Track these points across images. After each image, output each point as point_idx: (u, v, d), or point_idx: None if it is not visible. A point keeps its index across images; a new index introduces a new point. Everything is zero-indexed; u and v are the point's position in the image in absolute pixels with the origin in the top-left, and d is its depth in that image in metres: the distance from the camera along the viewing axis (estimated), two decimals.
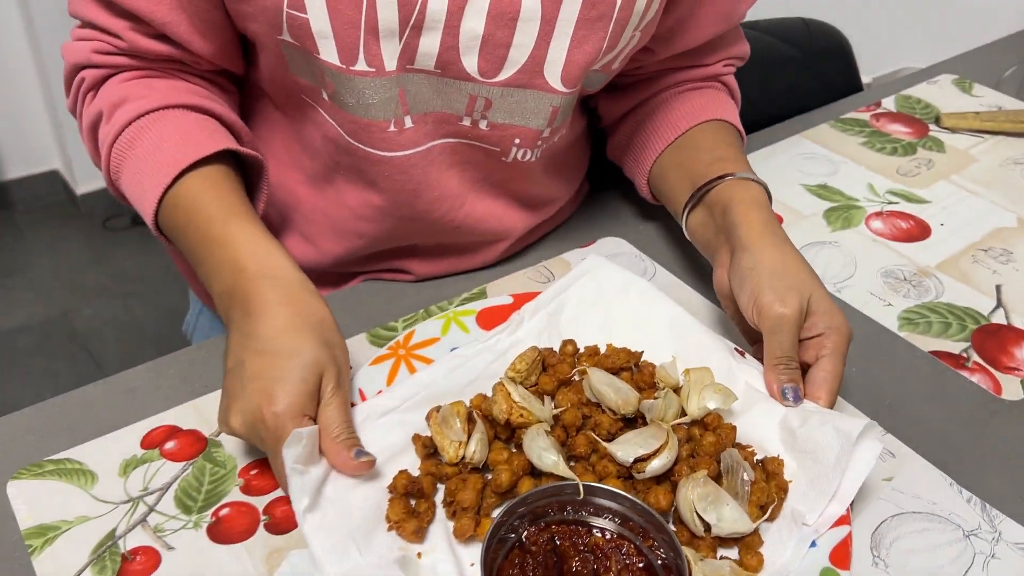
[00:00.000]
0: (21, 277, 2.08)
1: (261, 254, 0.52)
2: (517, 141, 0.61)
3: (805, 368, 0.55)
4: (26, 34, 2.06)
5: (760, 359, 0.55)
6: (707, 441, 0.50)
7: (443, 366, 0.56)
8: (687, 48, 0.68)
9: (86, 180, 2.24)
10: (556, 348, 0.58)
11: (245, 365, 0.48)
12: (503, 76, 0.57)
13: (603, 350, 0.57)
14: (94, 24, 0.58)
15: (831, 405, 0.53)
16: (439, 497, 0.48)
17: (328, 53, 0.54)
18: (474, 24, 0.54)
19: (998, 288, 0.69)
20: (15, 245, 2.17)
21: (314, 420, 0.47)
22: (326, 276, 0.69)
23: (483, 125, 0.60)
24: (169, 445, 0.52)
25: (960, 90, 0.98)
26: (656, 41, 0.66)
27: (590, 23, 0.56)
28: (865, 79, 1.03)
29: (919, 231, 0.75)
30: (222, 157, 0.57)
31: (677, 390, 0.54)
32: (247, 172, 0.61)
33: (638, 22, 0.59)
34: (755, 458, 0.52)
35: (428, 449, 0.49)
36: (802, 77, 0.96)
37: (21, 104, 2.16)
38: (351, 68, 0.54)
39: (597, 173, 0.78)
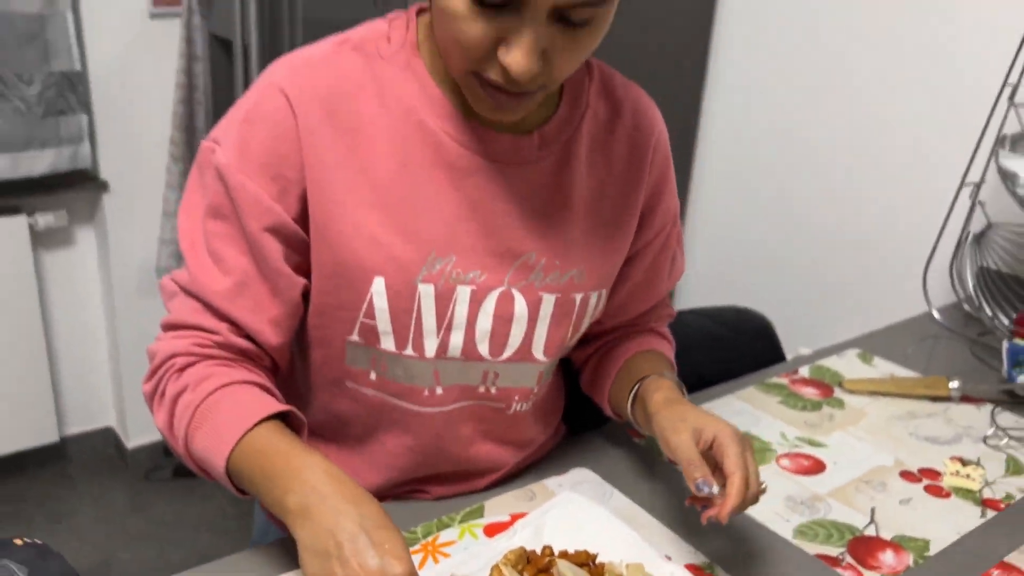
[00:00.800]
0: (67, 524, 2.27)
1: (335, 472, 0.69)
2: (517, 397, 0.88)
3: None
4: (104, 312, 2.42)
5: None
6: None
7: (457, 559, 0.78)
8: (627, 319, 0.97)
9: (137, 435, 2.50)
10: (539, 551, 0.80)
11: (352, 546, 0.62)
12: (505, 356, 0.84)
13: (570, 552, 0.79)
14: (196, 326, 0.77)
15: (744, 479, 0.73)
16: None
17: (387, 344, 0.80)
18: (485, 324, 0.82)
19: (872, 510, 0.91)
20: (67, 496, 2.39)
21: None
22: None
23: (493, 390, 0.86)
24: None
25: (862, 361, 1.25)
26: (604, 317, 0.96)
27: (560, 318, 0.85)
28: (789, 355, 1.31)
29: (816, 467, 0.99)
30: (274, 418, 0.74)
31: None
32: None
33: (592, 312, 0.87)
34: None
35: None
36: (735, 353, 1.24)
37: (89, 368, 2.47)
38: (403, 353, 0.81)
39: (579, 416, 1.03)
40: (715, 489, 0.74)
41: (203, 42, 2.15)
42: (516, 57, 0.66)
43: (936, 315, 1.39)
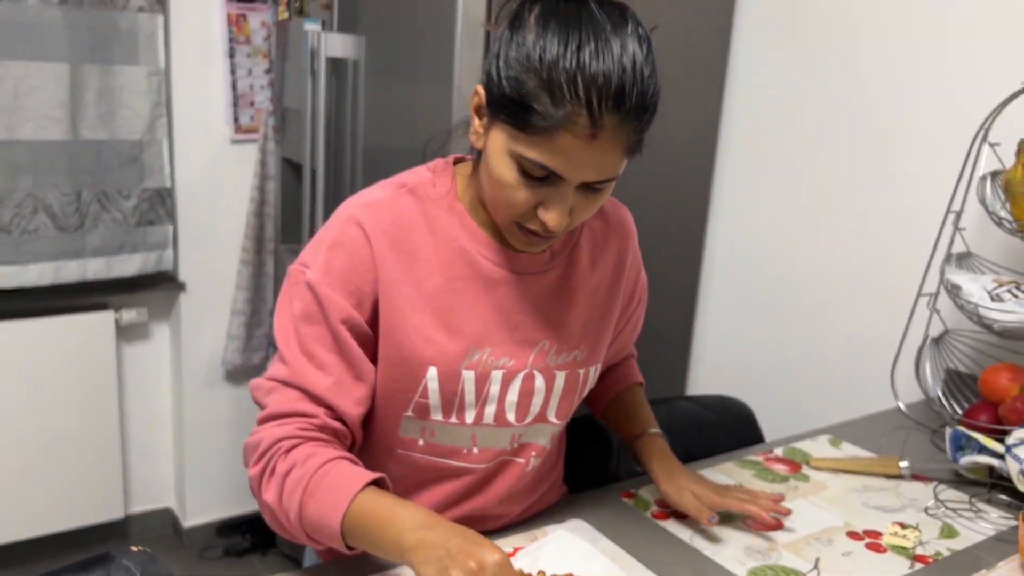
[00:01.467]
0: None
1: (432, 514, 0.87)
2: (534, 453, 1.11)
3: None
4: (172, 401, 2.69)
5: None
6: None
7: None
8: (615, 360, 1.28)
9: (193, 516, 2.72)
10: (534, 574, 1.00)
11: (460, 547, 0.80)
12: (527, 420, 1.07)
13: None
14: (298, 413, 0.94)
15: (743, 500, 1.11)
16: None
17: (436, 416, 1.02)
18: (512, 398, 1.05)
19: (817, 559, 1.10)
20: None
21: None
22: None
23: (516, 445, 1.09)
24: None
25: (831, 445, 1.44)
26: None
27: (568, 391, 1.09)
28: (768, 438, 1.50)
29: (776, 526, 1.17)
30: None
31: None
32: None
33: (591, 382, 1.13)
34: None
35: None
36: (719, 435, 1.44)
37: (155, 452, 2.72)
38: (448, 421, 1.03)
39: (578, 481, 1.24)
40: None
41: (276, 164, 2.49)
42: (552, 216, 0.90)
43: (903, 408, 1.58)
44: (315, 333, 0.97)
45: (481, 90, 0.92)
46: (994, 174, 1.43)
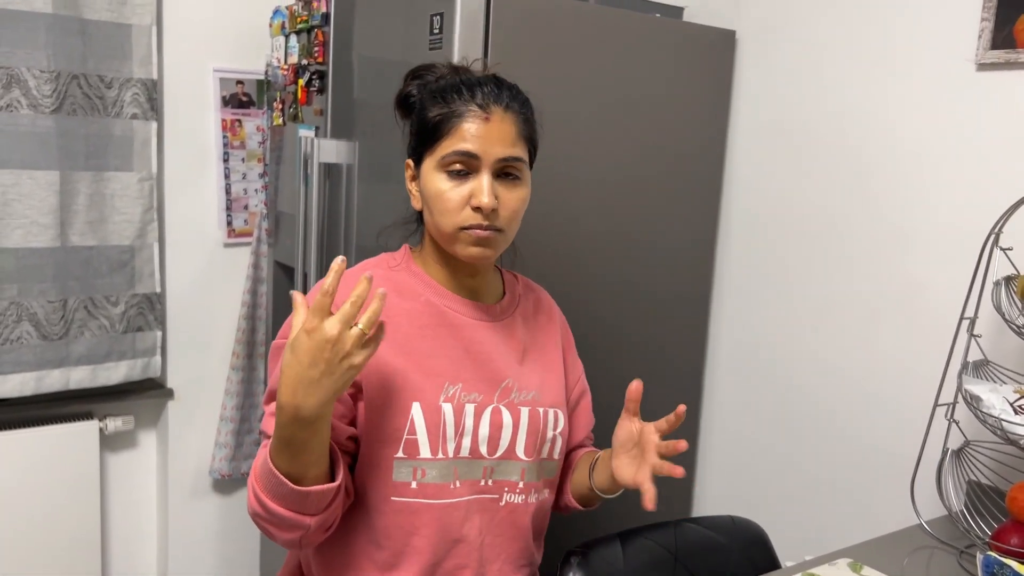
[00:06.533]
0: None
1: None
2: (506, 489, 1.19)
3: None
4: (158, 513, 2.57)
5: None
6: None
7: None
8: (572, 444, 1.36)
9: None
10: None
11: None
12: (498, 454, 1.18)
13: None
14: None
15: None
16: None
17: (425, 452, 1.13)
18: (484, 431, 1.17)
19: None
20: None
21: None
22: None
23: (489, 483, 1.19)
24: None
25: (852, 570, 1.34)
26: None
27: (532, 428, 1.20)
28: (785, 563, 1.40)
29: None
30: None
31: None
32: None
33: (553, 425, 1.22)
34: None
35: None
36: (730, 561, 1.34)
37: (139, 567, 2.59)
38: (435, 457, 1.13)
39: None
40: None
41: (268, 267, 2.45)
42: (481, 197, 1.11)
43: (925, 526, 1.48)
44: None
45: (409, 161, 1.20)
46: (1008, 279, 1.38)
